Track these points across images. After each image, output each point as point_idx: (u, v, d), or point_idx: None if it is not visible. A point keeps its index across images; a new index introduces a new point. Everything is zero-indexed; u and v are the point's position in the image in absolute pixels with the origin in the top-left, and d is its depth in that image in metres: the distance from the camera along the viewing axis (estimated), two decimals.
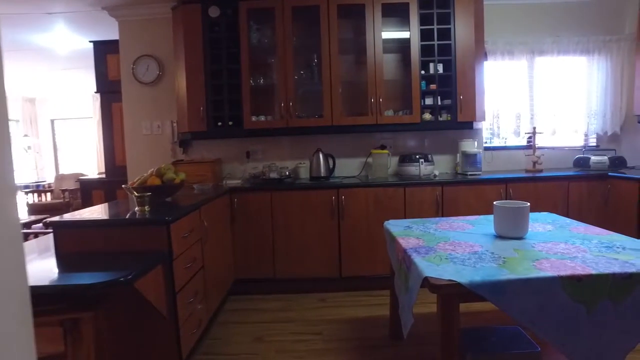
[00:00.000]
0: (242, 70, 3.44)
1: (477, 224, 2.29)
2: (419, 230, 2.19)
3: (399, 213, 3.28)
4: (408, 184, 3.27)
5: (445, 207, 3.30)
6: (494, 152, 3.91)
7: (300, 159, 3.79)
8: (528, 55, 3.73)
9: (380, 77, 3.44)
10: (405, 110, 3.59)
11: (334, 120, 3.45)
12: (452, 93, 3.47)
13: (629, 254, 1.67)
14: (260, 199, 3.28)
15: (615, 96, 3.78)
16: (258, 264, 3.32)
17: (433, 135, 3.85)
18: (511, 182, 3.31)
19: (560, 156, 3.93)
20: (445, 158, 3.88)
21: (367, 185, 3.26)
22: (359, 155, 3.83)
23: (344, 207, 3.26)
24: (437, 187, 3.28)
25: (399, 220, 2.47)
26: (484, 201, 3.30)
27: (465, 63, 3.43)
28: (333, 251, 3.30)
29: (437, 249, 1.81)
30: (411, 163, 3.52)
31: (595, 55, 3.76)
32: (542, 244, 1.84)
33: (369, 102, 3.44)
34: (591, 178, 3.35)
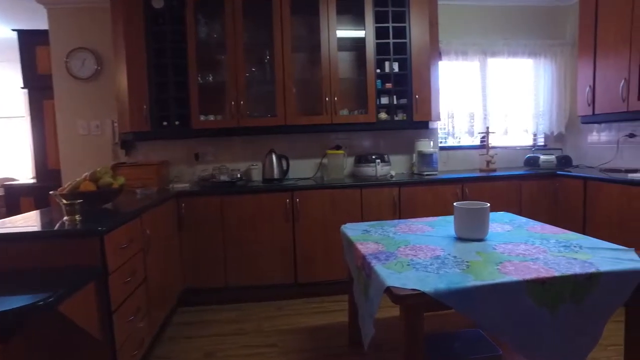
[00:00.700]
0: (190, 66, 3.22)
1: (436, 225, 2.23)
2: (377, 234, 2.10)
3: (356, 215, 3.19)
4: (364, 185, 3.19)
5: (402, 208, 3.24)
6: (449, 152, 3.92)
7: (253, 161, 3.62)
8: (480, 56, 3.77)
9: (335, 75, 3.33)
10: (360, 110, 3.51)
11: (288, 120, 3.31)
12: (407, 92, 3.43)
13: (587, 253, 1.66)
14: (210, 203, 3.08)
15: (560, 97, 3.91)
16: (209, 273, 3.11)
17: (389, 135, 3.80)
18: (467, 182, 3.31)
19: (512, 155, 4.01)
20: (401, 158, 3.84)
21: (323, 187, 3.15)
22: (313, 156, 3.71)
23: (299, 210, 3.13)
24: (394, 188, 3.23)
25: (356, 223, 2.37)
26: (441, 201, 3.28)
27: (420, 62, 3.40)
28: (288, 256, 3.16)
29: (397, 255, 1.72)
30: (367, 164, 3.44)
31: (541, 58, 3.87)
32: (503, 245, 1.79)
33: (324, 101, 3.33)
34: (541, 177, 3.43)
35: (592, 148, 3.79)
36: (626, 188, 2.78)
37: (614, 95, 3.13)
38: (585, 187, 3.12)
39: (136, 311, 2.06)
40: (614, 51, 3.14)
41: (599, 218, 3.01)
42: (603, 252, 1.66)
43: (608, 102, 3.19)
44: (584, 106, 3.41)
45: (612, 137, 3.57)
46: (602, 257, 1.61)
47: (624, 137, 3.43)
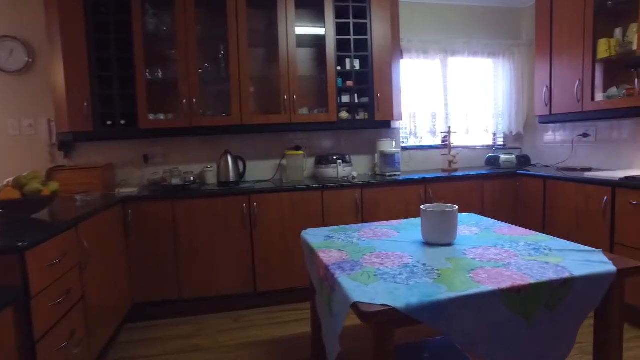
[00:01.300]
0: (136, 60, 2.96)
1: (402, 229, 2.12)
2: (340, 240, 1.96)
3: (317, 219, 3.04)
4: (325, 187, 3.05)
5: (365, 211, 3.13)
6: (411, 152, 3.86)
7: (207, 162, 3.39)
8: (441, 54, 3.73)
9: (293, 72, 3.17)
10: (321, 109, 3.38)
11: (244, 119, 3.11)
12: (369, 91, 3.32)
13: (557, 256, 1.59)
14: (160, 208, 2.83)
15: (518, 97, 3.94)
16: (160, 284, 2.87)
17: (350, 134, 3.69)
18: (430, 183, 3.25)
19: (473, 155, 4.00)
20: (363, 159, 3.74)
21: (282, 190, 2.98)
22: (272, 157, 3.54)
23: (257, 215, 2.94)
24: (357, 190, 3.11)
25: (318, 228, 2.23)
26: (405, 203, 3.20)
27: (382, 60, 3.30)
28: (246, 264, 2.97)
29: (363, 264, 1.58)
30: (328, 165, 3.31)
31: (500, 58, 3.89)
32: (473, 250, 1.70)
33: (282, 99, 3.17)
34: (502, 176, 3.43)
35: (548, 147, 3.85)
36: (583, 187, 2.80)
37: (570, 95, 3.17)
38: (545, 186, 3.14)
39: (70, 336, 1.81)
40: (568, 52, 3.18)
41: (558, 217, 3.03)
42: (573, 255, 1.61)
43: (564, 102, 3.23)
44: (542, 106, 3.44)
45: (567, 136, 3.63)
46: (572, 260, 1.55)
47: (578, 137, 3.49)
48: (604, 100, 2.94)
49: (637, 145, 3.06)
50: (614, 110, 2.87)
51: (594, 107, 2.99)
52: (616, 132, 3.21)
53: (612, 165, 3.23)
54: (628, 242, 2.53)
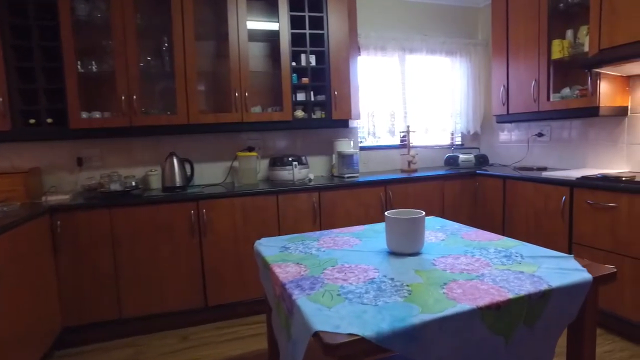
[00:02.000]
0: (65, 50, 2.62)
1: (364, 237, 1.97)
2: (298, 251, 1.77)
3: (272, 225, 2.84)
4: (281, 190, 2.85)
5: (323, 216, 2.96)
6: (369, 152, 3.74)
7: (151, 166, 3.09)
8: (399, 51, 3.63)
9: (245, 67, 2.95)
10: (275, 107, 3.17)
11: (191, 118, 2.85)
12: (326, 88, 3.16)
13: (530, 264, 1.49)
14: (96, 218, 2.52)
15: (475, 97, 3.93)
16: (97, 304, 2.55)
17: (306, 134, 3.51)
18: (390, 184, 3.13)
19: (431, 155, 3.95)
20: (320, 160, 3.57)
21: (233, 195, 2.75)
22: (222, 158, 3.29)
23: (207, 222, 2.69)
24: (314, 193, 2.93)
25: (273, 238, 2.02)
26: (364, 206, 3.06)
27: (339, 55, 3.14)
28: (195, 276, 2.71)
29: (324, 280, 1.40)
30: (283, 166, 3.11)
31: (457, 57, 3.85)
32: (442, 260, 1.57)
33: (233, 97, 2.93)
34: (462, 176, 3.37)
35: (505, 147, 3.85)
36: (541, 187, 2.79)
37: (526, 95, 3.16)
38: (505, 186, 3.11)
39: None
40: (524, 52, 3.16)
41: (518, 217, 3.00)
42: (546, 262, 1.51)
43: (521, 102, 3.22)
44: (499, 106, 3.43)
45: (522, 136, 3.65)
46: (547, 268, 1.45)
47: (534, 136, 3.51)
48: (559, 101, 2.94)
49: (589, 145, 3.10)
50: (568, 110, 2.88)
51: (550, 107, 2.99)
52: (569, 132, 3.24)
53: (566, 164, 3.26)
54: (586, 242, 2.53)
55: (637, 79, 2.76)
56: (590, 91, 2.71)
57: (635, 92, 2.78)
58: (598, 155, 3.04)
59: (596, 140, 3.04)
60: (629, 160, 2.85)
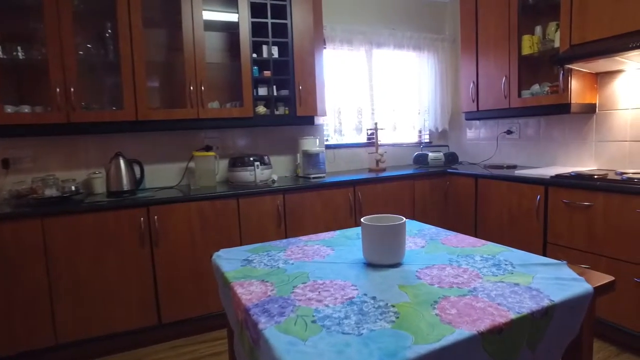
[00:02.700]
0: None
1: (336, 245, 1.77)
2: (263, 264, 1.55)
3: (233, 232, 2.59)
4: (242, 193, 2.61)
5: (289, 220, 2.74)
6: (335, 151, 3.55)
7: (94, 168, 2.76)
8: (366, 45, 3.47)
9: (201, 59, 2.68)
10: (234, 102, 2.92)
11: (140, 114, 2.55)
12: (290, 82, 2.94)
13: (524, 274, 1.34)
14: (24, 229, 2.18)
15: (443, 93, 3.83)
16: (27, 331, 2.21)
17: (269, 132, 3.27)
18: (359, 184, 2.96)
19: (399, 153, 3.82)
20: (283, 159, 3.35)
21: (189, 199, 2.47)
22: (176, 159, 3.00)
23: (159, 230, 2.41)
24: (278, 195, 2.71)
25: (234, 249, 1.79)
26: (332, 208, 2.87)
27: (303, 47, 2.93)
28: (147, 291, 2.42)
29: (295, 301, 1.19)
30: (244, 167, 2.86)
31: (425, 52, 3.74)
32: (427, 271, 1.39)
33: (187, 90, 2.65)
34: (432, 175, 3.25)
35: (473, 144, 3.78)
36: (515, 185, 2.70)
37: (497, 91, 3.08)
38: (477, 185, 3.01)
39: None
40: (494, 48, 3.08)
41: (491, 216, 2.91)
42: (539, 271, 1.37)
43: (491, 98, 3.14)
44: (468, 102, 3.34)
45: (491, 133, 3.58)
46: (542, 278, 1.31)
47: (503, 134, 3.45)
48: (530, 97, 2.87)
49: (558, 142, 3.06)
50: (539, 107, 2.81)
51: (521, 103, 2.92)
52: (539, 129, 3.19)
53: (536, 162, 3.21)
54: (561, 241, 2.46)
55: (605, 76, 2.73)
56: (562, 88, 2.65)
57: (603, 89, 2.75)
58: (567, 152, 3.00)
59: (565, 138, 3.01)
60: (598, 158, 2.82)
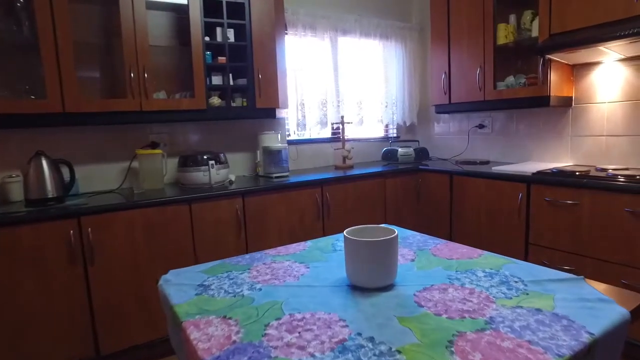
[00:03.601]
0: None
1: (309, 260, 1.48)
2: (223, 292, 1.23)
3: (185, 243, 2.24)
4: (195, 197, 2.25)
5: (250, 226, 2.43)
6: (298, 147, 3.26)
7: (9, 170, 2.30)
8: (331, 32, 3.18)
9: (143, 41, 2.29)
10: (184, 93, 2.55)
11: (68, 105, 2.13)
12: (248, 70, 2.61)
13: (541, 294, 1.12)
14: None
15: (411, 85, 3.63)
16: None
17: (225, 126, 2.92)
18: (327, 184, 2.69)
19: (367, 149, 3.58)
20: (241, 157, 3.01)
21: (131, 206, 2.09)
22: (116, 158, 2.59)
23: (94, 245, 2.01)
24: (237, 199, 2.38)
25: (185, 269, 1.45)
26: (298, 211, 2.58)
27: (263, 31, 2.61)
28: (81, 318, 2.02)
29: (270, 350, 0.90)
30: (197, 167, 2.50)
31: (392, 41, 3.51)
32: (426, 295, 1.14)
33: (127, 78, 2.26)
34: (404, 173, 3.04)
35: (443, 139, 3.62)
36: (495, 183, 2.53)
37: (471, 83, 2.91)
38: (452, 182, 2.83)
39: None
40: (467, 37, 2.90)
41: (468, 216, 2.73)
42: (558, 290, 1.16)
43: (465, 90, 2.96)
44: (440, 95, 3.15)
45: (462, 127, 3.43)
46: (565, 300, 1.09)
47: (474, 128, 3.30)
48: (506, 89, 2.71)
49: (533, 137, 2.93)
50: (516, 99, 2.66)
51: (496, 95, 2.76)
52: (512, 123, 3.06)
53: (509, 158, 3.08)
54: (543, 242, 2.31)
55: (581, 68, 2.62)
56: (541, 79, 2.50)
57: (579, 81, 2.64)
58: (542, 148, 2.88)
59: (540, 133, 2.88)
60: (574, 153, 2.71)
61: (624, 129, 2.46)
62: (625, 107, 2.45)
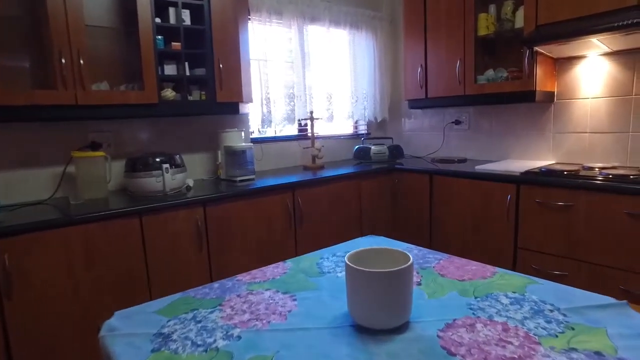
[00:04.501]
0: None
1: (295, 289, 1.20)
2: (189, 345, 0.93)
3: (137, 267, 1.88)
4: (147, 209, 1.90)
5: (213, 241, 2.10)
6: (263, 145, 2.95)
7: None
8: (299, 19, 2.88)
9: (77, 19, 1.90)
10: (131, 84, 2.18)
11: None
12: (207, 59, 2.27)
13: (593, 330, 0.91)
14: None
15: (382, 78, 3.41)
16: None
17: (181, 123, 2.57)
18: (298, 188, 2.41)
19: (337, 147, 3.33)
20: (200, 158, 2.67)
21: (66, 223, 1.71)
22: (48, 162, 2.17)
23: (13, 274, 1.62)
24: (197, 208, 2.05)
25: (137, 308, 1.13)
26: (266, 219, 2.29)
27: (224, 14, 2.28)
28: None
29: None
30: (148, 171, 2.14)
31: (362, 31, 3.27)
32: (452, 336, 0.90)
33: (57, 64, 1.86)
34: (379, 173, 2.81)
35: (416, 136, 3.43)
36: (480, 184, 2.36)
37: (450, 77, 2.73)
38: (432, 183, 2.63)
39: None
40: (446, 27, 2.72)
41: (450, 220, 2.55)
42: (606, 321, 0.95)
43: (443, 84, 2.77)
44: (415, 89, 2.95)
45: (437, 124, 3.25)
46: (622, 337, 0.89)
47: (450, 124, 3.14)
48: (488, 83, 2.55)
49: (513, 134, 2.80)
50: (499, 94, 2.50)
51: (477, 90, 2.59)
52: (491, 120, 2.91)
53: (488, 156, 2.94)
54: (534, 246, 2.17)
55: (564, 62, 2.51)
56: (526, 73, 2.35)
57: (562, 76, 2.53)
58: (522, 145, 2.75)
59: (520, 129, 2.75)
60: (556, 151, 2.60)
61: (608, 125, 2.37)
62: (609, 103, 2.35)
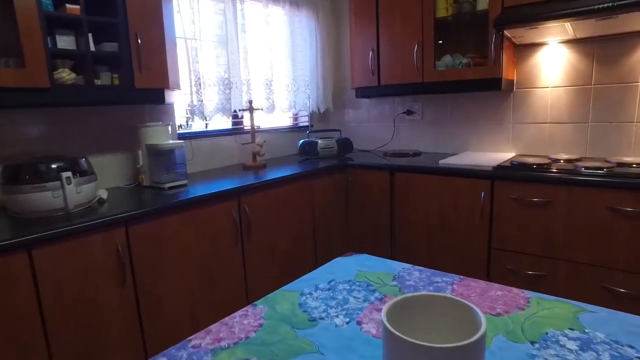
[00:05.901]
0: None
1: (285, 355, 0.82)
2: None
3: (26, 326, 1.34)
4: (37, 239, 1.34)
5: (140, 270, 1.61)
6: (193, 142, 2.45)
7: None
8: None
9: None
10: (6, 59, 1.58)
11: None
12: (119, 30, 1.73)
13: None
14: None
15: (325, 64, 3.05)
16: None
17: (85, 115, 1.98)
18: (244, 195, 1.98)
19: (278, 141, 2.93)
20: (114, 160, 2.10)
21: None
22: None
23: None
24: (117, 230, 1.54)
25: None
26: (208, 236, 1.84)
27: None
28: None
29: None
30: (39, 183, 1.54)
31: (303, 10, 2.88)
32: None
33: None
34: (331, 171, 2.48)
35: (361, 128, 3.15)
36: (450, 180, 2.15)
37: (407, 63, 2.47)
38: (393, 181, 2.37)
39: None
40: (401, 8, 2.45)
41: (415, 221, 2.31)
42: None
43: (399, 71, 2.51)
44: (366, 76, 2.65)
45: (386, 114, 3.00)
46: None
47: (401, 115, 2.90)
48: (449, 70, 2.33)
49: (469, 124, 2.64)
50: (461, 82, 2.30)
51: (437, 77, 2.37)
52: (446, 110, 2.72)
53: (443, 148, 2.76)
54: (509, 246, 2.01)
55: (524, 48, 2.38)
56: (492, 59, 2.16)
57: (521, 64, 2.40)
58: (480, 136, 2.61)
59: (477, 120, 2.60)
60: (515, 142, 2.49)
61: (568, 116, 2.29)
62: (569, 93, 2.27)
